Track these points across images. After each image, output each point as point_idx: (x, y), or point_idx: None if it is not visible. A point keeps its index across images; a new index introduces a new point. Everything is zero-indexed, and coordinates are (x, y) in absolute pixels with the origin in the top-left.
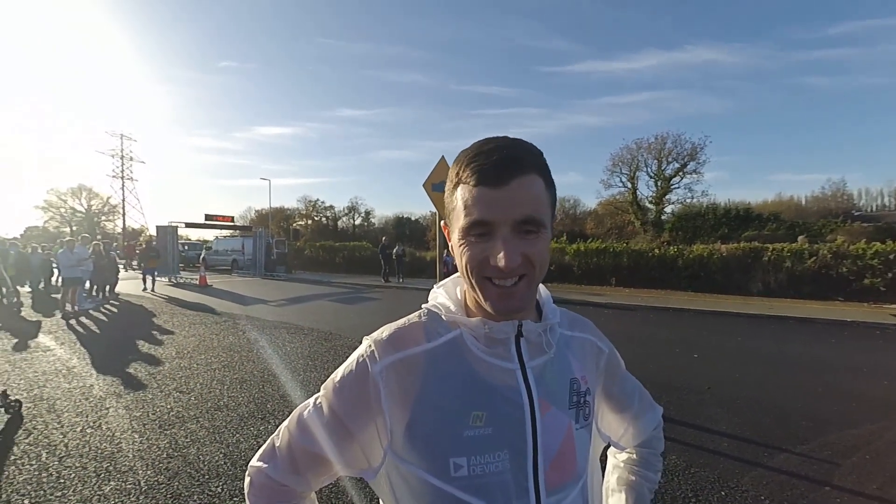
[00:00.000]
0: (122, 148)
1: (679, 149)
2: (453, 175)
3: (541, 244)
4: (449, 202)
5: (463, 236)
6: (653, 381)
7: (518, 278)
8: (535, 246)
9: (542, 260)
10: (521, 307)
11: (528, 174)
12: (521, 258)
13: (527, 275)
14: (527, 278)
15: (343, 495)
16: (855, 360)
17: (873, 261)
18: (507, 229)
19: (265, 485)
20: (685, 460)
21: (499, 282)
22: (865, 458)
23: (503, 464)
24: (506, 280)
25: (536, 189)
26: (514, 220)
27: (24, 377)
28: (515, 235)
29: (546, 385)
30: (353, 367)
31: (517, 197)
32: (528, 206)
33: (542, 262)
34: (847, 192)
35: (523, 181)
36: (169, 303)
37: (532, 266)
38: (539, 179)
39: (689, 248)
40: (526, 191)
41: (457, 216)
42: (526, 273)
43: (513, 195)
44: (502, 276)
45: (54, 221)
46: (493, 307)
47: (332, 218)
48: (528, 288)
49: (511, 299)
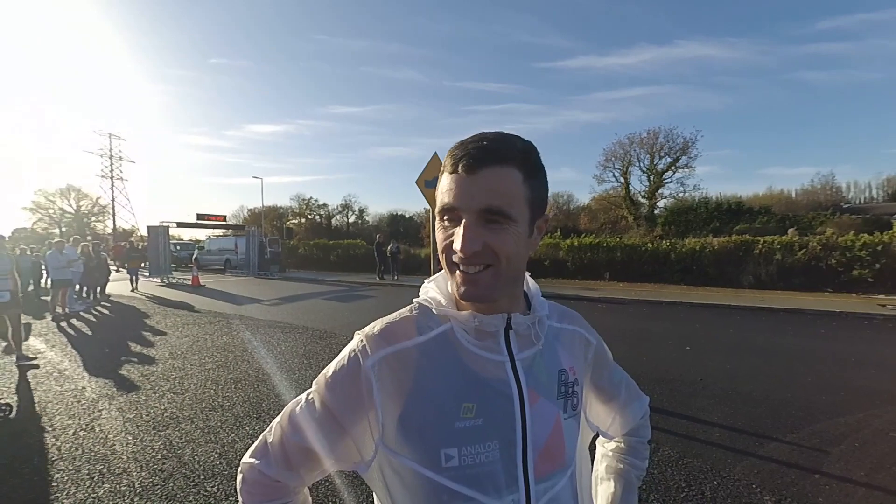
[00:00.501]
0: (111, 147)
1: (671, 143)
2: (442, 165)
3: (507, 236)
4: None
5: (439, 220)
6: (646, 374)
7: (483, 266)
8: (500, 237)
9: (509, 252)
10: (487, 297)
11: (502, 165)
12: (483, 247)
13: (492, 265)
14: (493, 268)
15: (337, 493)
16: (844, 351)
17: (861, 252)
18: (472, 216)
19: (258, 481)
20: (678, 451)
21: (463, 268)
22: (853, 446)
23: (493, 454)
24: (469, 267)
25: (509, 181)
26: (479, 207)
27: (13, 380)
28: (479, 223)
29: (535, 376)
30: (344, 361)
31: (485, 185)
32: (495, 196)
33: (509, 254)
34: (836, 185)
35: (495, 171)
36: (160, 303)
37: (496, 256)
38: (516, 172)
39: (681, 242)
40: (496, 181)
41: (437, 203)
42: (491, 261)
43: (481, 183)
44: (464, 262)
45: (42, 223)
46: (459, 293)
47: (326, 216)
48: (495, 278)
49: (475, 286)
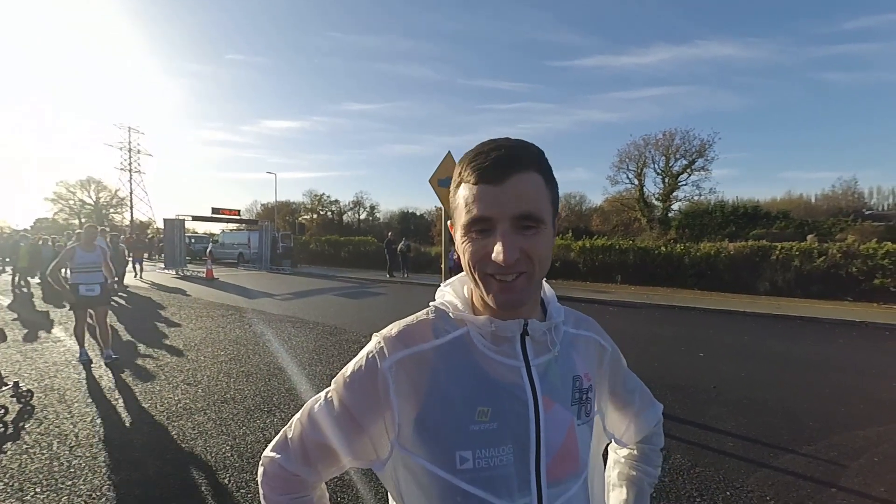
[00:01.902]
0: (130, 140)
1: (687, 145)
2: (456, 175)
3: (540, 240)
4: (453, 201)
5: (465, 233)
6: (658, 380)
7: (518, 274)
8: (534, 241)
9: (542, 255)
10: (522, 301)
11: (526, 171)
12: (520, 253)
13: (526, 271)
14: (526, 274)
15: (349, 489)
16: (863, 361)
17: (884, 261)
18: (507, 225)
19: (278, 475)
20: (690, 459)
21: (500, 277)
22: (873, 460)
23: (507, 457)
24: (506, 275)
25: (535, 186)
26: (513, 215)
27: (35, 367)
28: (514, 231)
29: (550, 382)
30: (362, 362)
31: (515, 193)
32: (527, 202)
33: (542, 257)
34: (858, 191)
35: (521, 178)
36: (172, 294)
37: (531, 261)
38: (538, 177)
39: (696, 246)
40: (524, 187)
41: (459, 214)
42: (525, 270)
43: (511, 192)
44: (502, 271)
45: (63, 213)
46: (496, 301)
47: (338, 212)
48: (529, 283)
49: (512, 293)
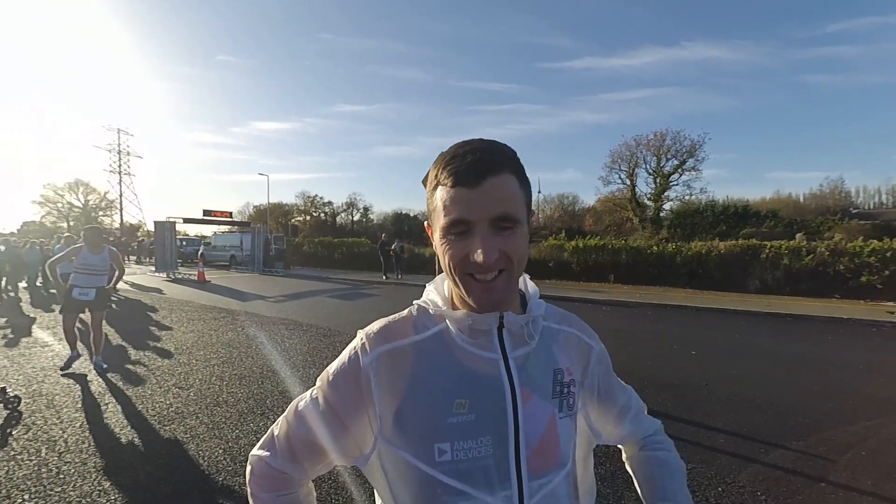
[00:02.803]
0: (119, 142)
1: (678, 146)
2: (432, 178)
3: (517, 239)
4: (430, 204)
5: (444, 235)
6: (651, 378)
7: (497, 273)
8: (512, 241)
9: (520, 254)
10: (502, 300)
11: (501, 173)
12: (499, 253)
13: (505, 269)
14: (506, 272)
15: (343, 491)
16: (851, 358)
17: (870, 258)
18: (485, 226)
19: (265, 472)
20: (682, 456)
21: (479, 276)
22: (860, 455)
23: (486, 449)
24: (486, 275)
25: (510, 187)
26: (491, 217)
27: (22, 373)
28: (493, 232)
29: (528, 374)
30: (345, 359)
31: (492, 196)
32: (503, 203)
33: (520, 256)
34: (845, 190)
35: (497, 180)
36: (166, 298)
37: (510, 261)
38: (513, 178)
39: (687, 246)
40: (500, 189)
41: (437, 216)
42: (504, 267)
43: (488, 194)
44: (482, 271)
45: (51, 216)
46: (477, 301)
47: (331, 214)
48: (508, 282)
49: (492, 292)
